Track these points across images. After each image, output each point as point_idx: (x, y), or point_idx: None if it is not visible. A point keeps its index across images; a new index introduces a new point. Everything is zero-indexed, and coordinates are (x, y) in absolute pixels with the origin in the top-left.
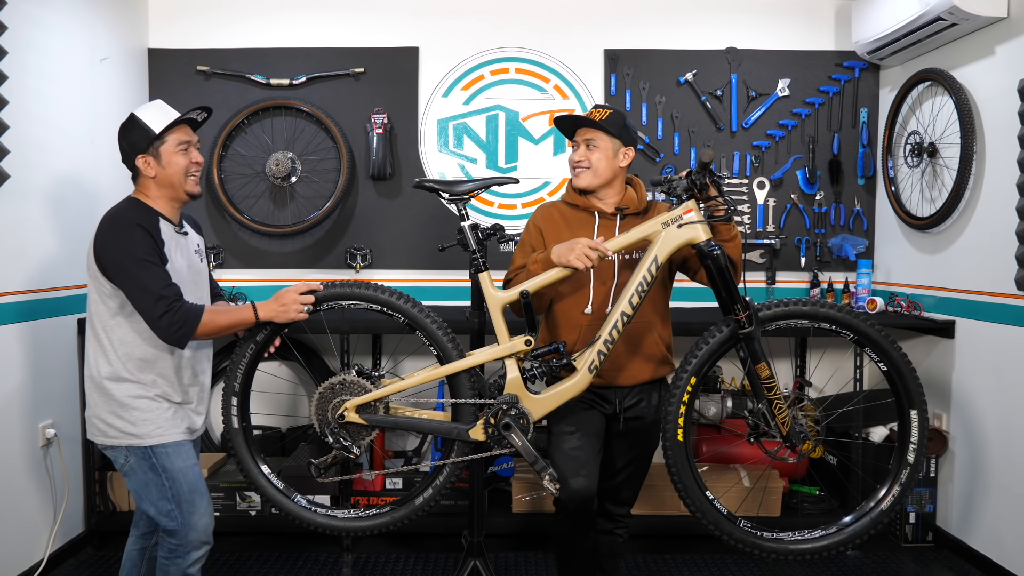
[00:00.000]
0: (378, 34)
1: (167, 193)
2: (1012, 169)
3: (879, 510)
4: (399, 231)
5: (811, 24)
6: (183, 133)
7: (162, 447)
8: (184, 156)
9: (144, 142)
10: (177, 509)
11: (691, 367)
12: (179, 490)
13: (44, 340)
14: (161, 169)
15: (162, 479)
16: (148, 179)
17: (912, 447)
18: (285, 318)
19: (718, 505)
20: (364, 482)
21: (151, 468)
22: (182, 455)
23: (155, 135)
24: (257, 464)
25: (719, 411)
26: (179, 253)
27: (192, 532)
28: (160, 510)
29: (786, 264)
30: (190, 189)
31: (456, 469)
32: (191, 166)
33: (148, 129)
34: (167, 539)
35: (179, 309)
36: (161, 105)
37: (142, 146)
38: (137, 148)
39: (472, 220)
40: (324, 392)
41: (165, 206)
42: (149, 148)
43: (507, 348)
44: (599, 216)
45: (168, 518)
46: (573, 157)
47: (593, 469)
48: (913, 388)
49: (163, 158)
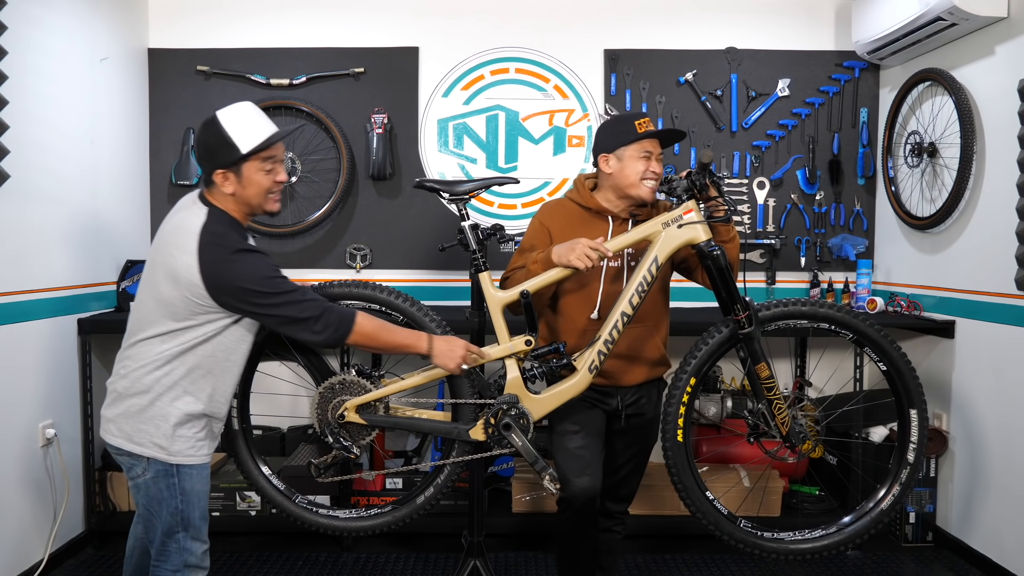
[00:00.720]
0: (378, 34)
1: (242, 209)
2: (1012, 169)
3: (879, 509)
4: (399, 231)
5: (811, 24)
6: (271, 148)
7: (188, 467)
8: (268, 176)
9: (227, 158)
10: (183, 533)
11: (691, 367)
12: (191, 515)
13: (44, 340)
14: (241, 188)
15: (177, 500)
16: (224, 193)
17: (912, 447)
18: (451, 366)
19: (718, 505)
20: (364, 482)
21: (168, 486)
22: (204, 478)
23: (240, 156)
24: (257, 465)
25: (719, 411)
26: None
27: (192, 557)
28: (167, 530)
29: (786, 264)
30: (269, 208)
31: (456, 469)
32: (273, 186)
33: (234, 146)
34: (162, 566)
35: (329, 310)
36: (251, 114)
37: (224, 161)
38: (217, 161)
39: (472, 220)
40: (324, 392)
41: (240, 217)
42: (231, 165)
43: (507, 348)
44: (613, 220)
45: (171, 540)
46: (649, 167)
47: (597, 468)
48: (913, 388)
49: (244, 176)
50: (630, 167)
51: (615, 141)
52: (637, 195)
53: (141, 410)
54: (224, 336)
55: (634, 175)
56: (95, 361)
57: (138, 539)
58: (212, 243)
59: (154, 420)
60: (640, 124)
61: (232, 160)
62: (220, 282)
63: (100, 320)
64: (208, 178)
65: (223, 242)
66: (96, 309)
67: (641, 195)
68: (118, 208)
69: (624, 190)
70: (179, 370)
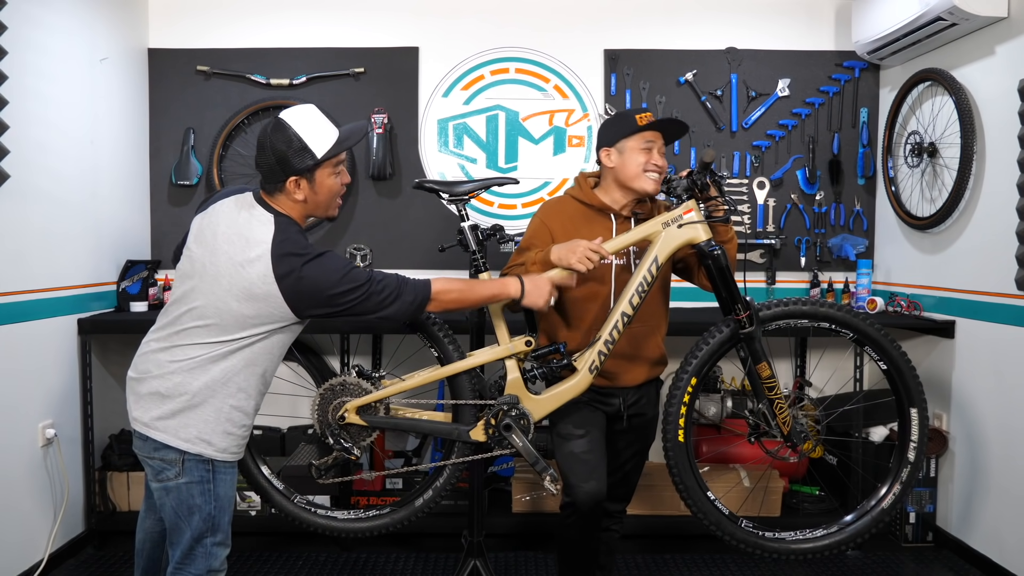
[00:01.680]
0: (378, 34)
1: (307, 213)
2: (1012, 169)
3: (880, 509)
4: (399, 231)
5: (811, 24)
6: (342, 152)
7: (223, 469)
8: (337, 180)
9: (301, 164)
10: (211, 538)
11: (691, 367)
12: (220, 520)
13: (44, 340)
14: (313, 194)
15: (211, 505)
16: (294, 200)
17: (912, 445)
18: (540, 303)
19: (719, 505)
20: (364, 482)
21: (203, 491)
22: (234, 482)
23: (317, 161)
24: (257, 465)
25: (719, 411)
26: None
27: (215, 562)
28: (196, 535)
29: (786, 264)
30: (333, 213)
31: (457, 469)
32: (341, 190)
33: (309, 152)
34: (186, 569)
35: (403, 282)
36: (318, 117)
37: (298, 167)
38: (291, 168)
39: (472, 220)
40: (325, 393)
41: (301, 221)
42: (305, 172)
43: (507, 349)
44: (615, 219)
45: (199, 545)
46: (650, 159)
47: (603, 472)
48: (913, 387)
49: (317, 182)
50: (631, 159)
51: (616, 133)
52: (640, 188)
53: (192, 407)
54: (284, 332)
55: (635, 167)
56: (95, 361)
57: (148, 532)
58: (287, 254)
59: (205, 417)
60: (641, 117)
61: (307, 166)
62: (303, 295)
63: (100, 320)
64: (279, 184)
65: (297, 250)
66: (96, 309)
67: (644, 187)
68: (118, 208)
69: (626, 183)
70: (237, 366)
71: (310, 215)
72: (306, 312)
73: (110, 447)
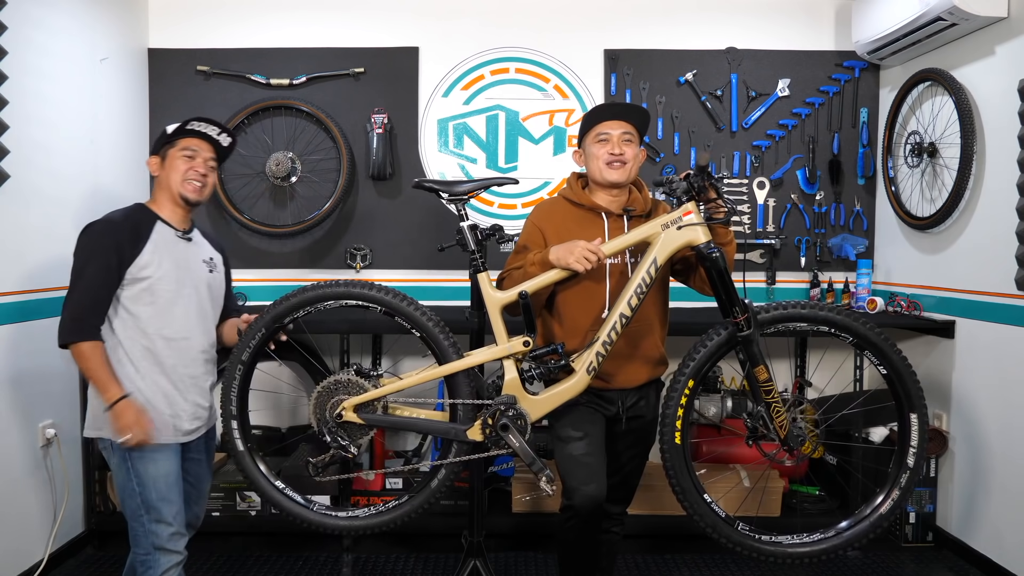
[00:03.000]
0: (378, 34)
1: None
2: (1012, 169)
3: (879, 514)
4: (399, 231)
5: (811, 24)
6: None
7: (139, 450)
8: (185, 162)
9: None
10: (147, 515)
11: (689, 369)
12: (148, 496)
13: (44, 340)
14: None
15: (133, 483)
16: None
17: (912, 451)
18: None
19: (716, 508)
20: (364, 481)
21: (125, 470)
22: (164, 460)
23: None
24: (254, 461)
25: (719, 411)
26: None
27: (158, 539)
28: (130, 514)
29: (786, 264)
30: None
31: (453, 469)
32: (189, 172)
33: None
34: (135, 551)
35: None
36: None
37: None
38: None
39: (471, 220)
40: (322, 391)
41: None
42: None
43: (505, 349)
44: (607, 217)
45: (136, 523)
46: (607, 149)
47: (603, 475)
48: (913, 392)
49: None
50: (592, 154)
51: (581, 134)
52: (605, 179)
53: (93, 395)
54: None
55: (594, 160)
56: None
57: None
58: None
59: (99, 401)
60: (598, 109)
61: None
62: None
63: None
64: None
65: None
66: None
67: (608, 178)
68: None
69: (594, 178)
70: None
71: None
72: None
73: None
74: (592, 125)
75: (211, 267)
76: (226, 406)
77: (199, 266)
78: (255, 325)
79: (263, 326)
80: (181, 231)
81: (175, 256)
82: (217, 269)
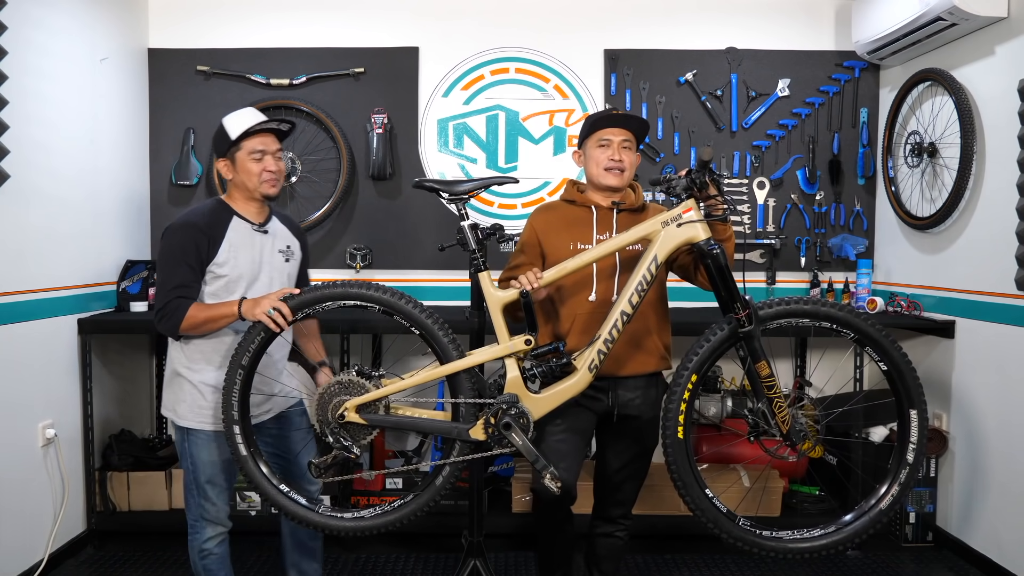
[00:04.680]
0: (378, 34)
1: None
2: (1012, 169)
3: (878, 509)
4: (399, 231)
5: (811, 24)
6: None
7: (194, 432)
8: (257, 164)
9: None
10: (197, 490)
11: (692, 365)
12: (197, 475)
13: (44, 340)
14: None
15: (187, 461)
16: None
17: (912, 447)
18: (250, 315)
19: (717, 503)
20: (364, 482)
21: (182, 451)
22: (212, 448)
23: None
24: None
25: (719, 411)
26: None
27: (205, 513)
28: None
29: (786, 264)
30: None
31: (457, 468)
32: (263, 173)
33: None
34: (187, 513)
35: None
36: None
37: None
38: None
39: (472, 220)
40: (324, 392)
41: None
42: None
43: (507, 348)
44: (596, 210)
45: (188, 494)
46: (607, 155)
47: (573, 463)
48: (913, 388)
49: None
50: (591, 157)
51: (582, 135)
52: (603, 184)
53: (167, 382)
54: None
55: (594, 165)
56: (95, 361)
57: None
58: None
59: (172, 390)
60: (601, 116)
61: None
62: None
63: (100, 320)
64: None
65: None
66: (96, 309)
67: (606, 183)
68: (118, 208)
69: (592, 181)
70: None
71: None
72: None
73: (110, 447)
74: (595, 130)
75: (287, 256)
76: (227, 411)
77: (275, 256)
78: (254, 329)
79: (262, 330)
80: (257, 224)
81: (251, 250)
82: (294, 257)
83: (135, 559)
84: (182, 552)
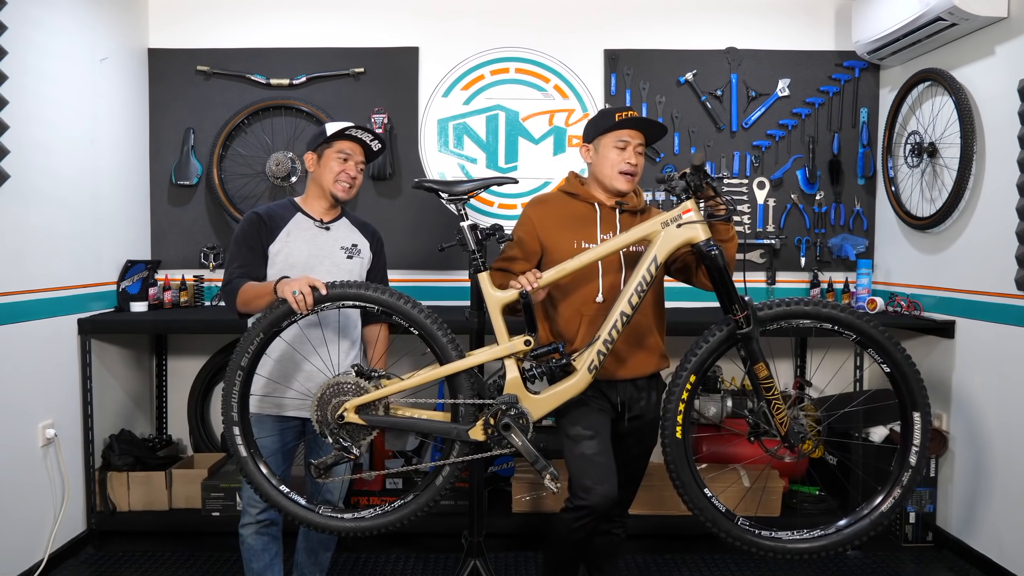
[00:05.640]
0: (378, 34)
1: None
2: (1012, 169)
3: (879, 512)
4: (399, 231)
5: (811, 24)
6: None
7: (255, 415)
8: (339, 164)
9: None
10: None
11: (691, 365)
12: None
13: (44, 340)
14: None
15: None
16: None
17: (914, 449)
18: (281, 292)
19: (716, 502)
20: (363, 481)
21: None
22: (267, 431)
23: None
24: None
25: (719, 411)
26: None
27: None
28: None
29: (786, 264)
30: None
31: (457, 468)
32: (341, 174)
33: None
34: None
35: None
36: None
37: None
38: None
39: (471, 220)
40: (324, 393)
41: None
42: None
43: (506, 348)
44: (600, 208)
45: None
46: (624, 158)
47: (615, 473)
48: (916, 390)
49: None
50: (605, 156)
51: (594, 130)
52: (613, 187)
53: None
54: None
55: (608, 165)
56: (95, 361)
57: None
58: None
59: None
60: (620, 114)
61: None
62: None
63: (100, 320)
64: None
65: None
66: (96, 309)
67: (617, 187)
68: (118, 208)
69: (601, 180)
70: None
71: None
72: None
73: (110, 447)
74: (613, 128)
75: (350, 253)
76: (227, 412)
77: (336, 252)
78: (253, 330)
79: (261, 331)
80: (320, 221)
81: (311, 243)
82: (360, 255)
83: (135, 559)
84: (182, 552)
